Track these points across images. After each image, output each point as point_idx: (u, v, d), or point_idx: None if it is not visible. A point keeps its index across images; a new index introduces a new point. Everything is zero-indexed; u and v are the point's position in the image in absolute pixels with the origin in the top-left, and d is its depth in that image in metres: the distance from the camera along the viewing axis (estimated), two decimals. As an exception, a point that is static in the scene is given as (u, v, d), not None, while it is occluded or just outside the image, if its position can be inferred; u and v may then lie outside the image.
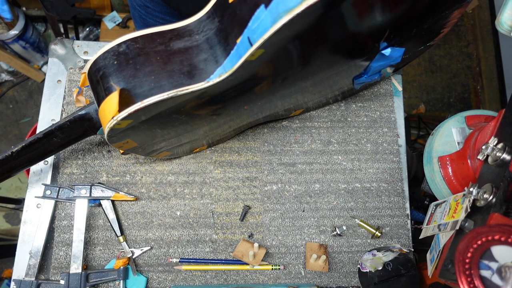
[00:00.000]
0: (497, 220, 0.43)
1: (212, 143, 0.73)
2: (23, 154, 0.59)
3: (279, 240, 0.72)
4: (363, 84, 0.72)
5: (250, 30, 0.42)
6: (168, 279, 0.69)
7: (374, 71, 0.66)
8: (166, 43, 0.48)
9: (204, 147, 0.73)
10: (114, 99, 0.46)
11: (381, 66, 0.65)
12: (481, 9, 1.95)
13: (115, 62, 0.47)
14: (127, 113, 0.45)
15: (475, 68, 1.93)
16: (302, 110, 0.75)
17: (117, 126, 0.47)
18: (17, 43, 1.56)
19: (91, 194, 0.69)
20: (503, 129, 0.51)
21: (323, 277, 0.71)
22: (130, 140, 0.54)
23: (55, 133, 0.58)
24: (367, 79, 0.68)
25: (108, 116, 0.47)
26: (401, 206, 0.75)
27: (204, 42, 0.48)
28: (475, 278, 0.40)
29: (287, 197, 0.74)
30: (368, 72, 0.66)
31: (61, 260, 0.69)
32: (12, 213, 1.61)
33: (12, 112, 1.74)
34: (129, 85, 0.46)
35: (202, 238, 0.71)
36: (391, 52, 0.59)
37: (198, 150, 0.74)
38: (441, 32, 0.63)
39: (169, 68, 0.46)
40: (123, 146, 0.55)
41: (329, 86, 0.67)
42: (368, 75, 0.67)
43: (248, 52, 0.42)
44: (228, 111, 0.58)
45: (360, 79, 0.68)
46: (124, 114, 0.45)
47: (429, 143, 0.72)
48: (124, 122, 0.47)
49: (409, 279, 0.66)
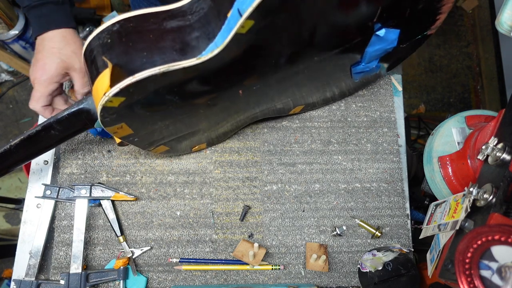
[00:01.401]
0: (497, 220, 0.43)
1: (212, 140, 0.73)
2: (22, 148, 0.59)
3: (279, 240, 0.72)
4: (362, 75, 0.71)
5: (239, 2, 0.43)
6: (168, 279, 0.69)
7: (371, 58, 0.65)
8: (159, 23, 0.48)
9: (203, 146, 0.73)
10: (106, 75, 0.46)
11: (378, 52, 0.63)
12: (481, 9, 1.95)
13: (109, 40, 0.47)
14: (118, 89, 0.45)
15: (475, 68, 1.93)
16: (302, 107, 0.75)
17: (109, 104, 0.47)
18: (17, 43, 1.56)
19: (91, 194, 0.69)
20: (503, 129, 0.51)
21: (323, 277, 0.71)
22: (125, 125, 0.53)
23: (53, 126, 0.58)
24: (364, 67, 0.67)
25: (100, 93, 0.47)
26: (401, 206, 0.75)
27: (197, 21, 0.49)
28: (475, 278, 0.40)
29: (287, 197, 0.74)
30: (364, 59, 0.65)
31: (61, 260, 0.69)
32: (12, 213, 1.61)
33: (12, 112, 1.74)
34: (121, 61, 0.46)
35: (202, 238, 0.71)
36: (385, 33, 0.58)
37: (198, 149, 0.74)
38: (437, 18, 0.62)
39: (161, 45, 0.47)
40: (118, 132, 0.54)
41: (326, 76, 0.66)
42: (365, 62, 0.66)
43: (238, 23, 0.43)
44: (223, 100, 0.58)
45: (358, 67, 0.67)
46: (115, 90, 0.45)
47: (429, 143, 0.72)
48: (116, 99, 0.46)
49: (409, 279, 0.66)
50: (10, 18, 1.50)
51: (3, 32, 1.49)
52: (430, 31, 0.66)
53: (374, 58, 0.66)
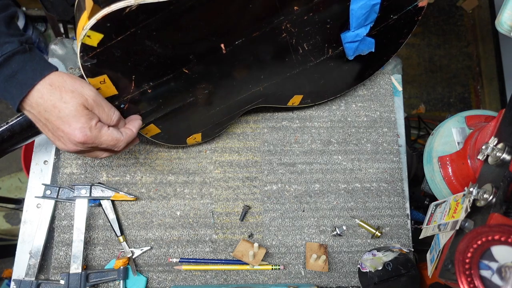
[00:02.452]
0: (497, 220, 0.43)
1: (207, 132, 0.71)
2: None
3: (279, 240, 0.72)
4: (355, 49, 0.68)
5: None
6: (168, 279, 0.69)
7: (358, 20, 0.63)
8: None
9: (198, 137, 0.71)
10: (86, 13, 0.47)
11: (363, 9, 0.61)
12: (481, 9, 1.95)
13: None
14: (95, 20, 0.46)
15: (475, 68, 1.93)
16: (301, 97, 0.73)
17: (88, 40, 0.47)
18: (17, 43, 1.55)
19: (91, 194, 0.69)
20: (503, 129, 0.51)
21: (323, 277, 0.71)
22: (107, 80, 0.52)
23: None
24: (355, 36, 0.65)
25: (79, 32, 0.48)
26: (401, 206, 0.75)
27: None
28: (475, 278, 0.40)
29: (287, 197, 0.74)
30: (352, 23, 0.63)
31: (61, 260, 0.69)
32: (12, 213, 1.61)
33: (12, 112, 1.74)
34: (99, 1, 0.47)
35: (202, 238, 0.71)
36: None
37: (193, 141, 0.72)
38: None
39: None
40: (102, 88, 0.53)
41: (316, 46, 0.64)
42: (354, 28, 0.64)
43: None
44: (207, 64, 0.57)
45: (347, 34, 0.65)
46: (92, 21, 0.46)
47: (429, 143, 0.72)
48: (94, 34, 0.47)
49: (409, 279, 0.66)
50: (10, 18, 1.49)
51: (3, 32, 1.49)
52: (421, 1, 0.64)
53: (362, 22, 0.64)
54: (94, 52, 0.49)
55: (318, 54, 0.66)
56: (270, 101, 0.71)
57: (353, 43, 0.67)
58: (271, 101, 0.71)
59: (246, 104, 0.69)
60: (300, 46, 0.63)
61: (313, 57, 0.67)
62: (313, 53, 0.66)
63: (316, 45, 0.65)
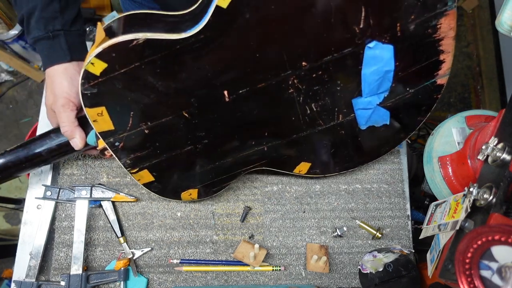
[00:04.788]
0: (497, 220, 0.43)
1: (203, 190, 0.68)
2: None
3: (280, 241, 0.72)
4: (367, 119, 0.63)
5: None
6: (168, 280, 0.70)
7: (371, 86, 0.58)
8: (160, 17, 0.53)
9: (194, 194, 0.68)
10: (96, 44, 0.49)
11: (376, 75, 0.57)
12: (481, 9, 1.95)
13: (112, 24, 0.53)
14: (101, 48, 0.47)
15: (475, 68, 1.93)
16: (309, 166, 0.69)
17: (91, 68, 0.48)
18: (17, 43, 1.56)
19: (91, 195, 0.69)
20: (503, 129, 0.51)
21: (324, 278, 0.71)
22: (105, 111, 0.52)
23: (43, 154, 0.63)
24: (367, 104, 0.61)
25: (86, 59, 0.49)
26: (402, 207, 0.75)
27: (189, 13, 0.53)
28: (475, 278, 0.40)
29: (288, 198, 0.74)
30: (365, 88, 0.58)
31: (61, 261, 0.69)
32: (12, 213, 1.61)
33: (12, 112, 1.74)
34: (112, 32, 0.49)
35: (202, 239, 0.71)
36: (376, 46, 0.53)
37: (188, 197, 0.68)
38: (441, 59, 0.57)
39: (154, 26, 0.51)
40: (98, 121, 0.53)
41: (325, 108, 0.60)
42: (366, 94, 0.59)
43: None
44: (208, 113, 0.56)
45: (359, 100, 0.60)
46: (98, 50, 0.47)
47: (429, 143, 0.72)
48: (98, 62, 0.47)
49: (409, 280, 0.66)
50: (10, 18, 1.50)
51: (3, 32, 1.50)
52: (440, 78, 0.59)
53: (375, 89, 0.59)
54: (96, 81, 0.49)
55: (328, 118, 0.61)
56: (274, 164, 0.68)
57: (365, 110, 0.62)
58: (276, 165, 0.68)
59: (248, 164, 0.66)
60: (308, 106, 0.59)
61: (322, 120, 0.62)
62: (322, 116, 0.61)
63: (325, 107, 0.60)
